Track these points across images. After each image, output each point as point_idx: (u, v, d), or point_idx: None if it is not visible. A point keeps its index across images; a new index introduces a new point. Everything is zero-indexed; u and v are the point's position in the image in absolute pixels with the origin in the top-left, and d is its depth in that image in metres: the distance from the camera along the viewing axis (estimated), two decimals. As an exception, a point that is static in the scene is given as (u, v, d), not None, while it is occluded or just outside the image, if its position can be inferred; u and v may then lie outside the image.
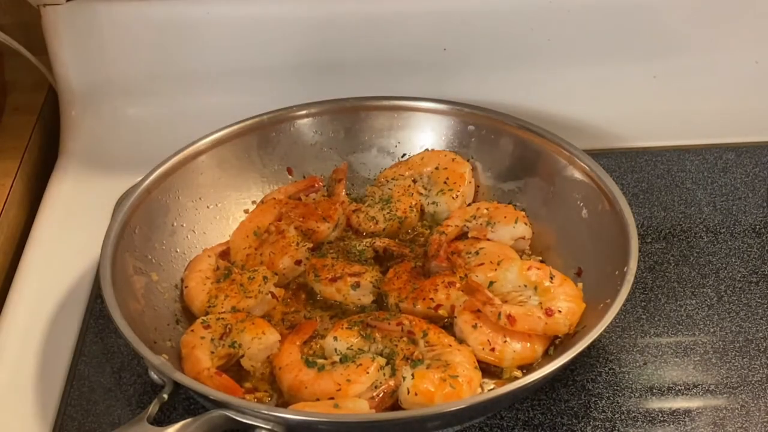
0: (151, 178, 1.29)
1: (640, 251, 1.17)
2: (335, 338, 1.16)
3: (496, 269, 1.22)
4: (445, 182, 1.36)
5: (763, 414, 1.13)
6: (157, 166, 1.30)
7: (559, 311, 1.16)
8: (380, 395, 1.11)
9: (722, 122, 1.54)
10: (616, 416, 1.13)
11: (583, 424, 1.12)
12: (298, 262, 1.28)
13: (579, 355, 1.08)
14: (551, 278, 1.19)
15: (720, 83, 1.56)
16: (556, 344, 1.17)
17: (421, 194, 1.37)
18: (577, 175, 1.30)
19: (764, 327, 1.22)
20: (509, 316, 1.15)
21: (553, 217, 1.32)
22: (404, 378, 1.11)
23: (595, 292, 1.19)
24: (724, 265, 1.31)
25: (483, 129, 1.39)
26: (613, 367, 1.18)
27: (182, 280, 1.27)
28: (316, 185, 1.39)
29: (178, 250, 1.30)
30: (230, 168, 1.36)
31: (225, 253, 1.31)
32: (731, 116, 1.54)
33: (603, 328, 1.09)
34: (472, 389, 1.11)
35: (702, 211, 1.39)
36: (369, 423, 1.07)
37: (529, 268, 1.20)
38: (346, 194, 1.39)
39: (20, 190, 1.44)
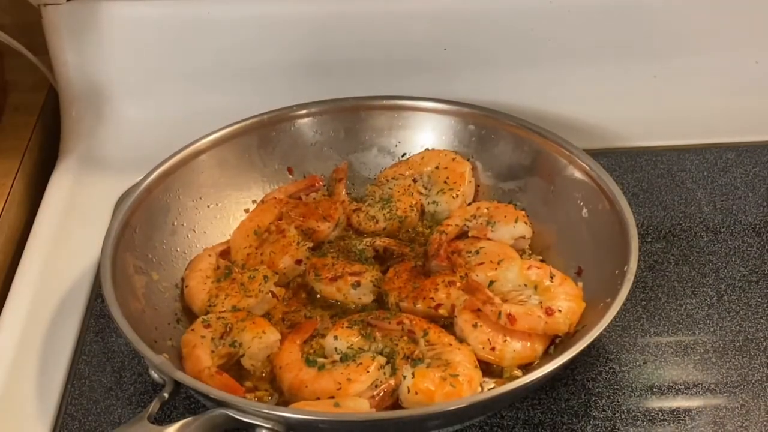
0: (152, 177, 1.29)
1: (640, 250, 1.17)
2: (335, 337, 1.16)
3: (496, 268, 1.22)
4: (445, 182, 1.36)
5: (763, 413, 1.13)
6: (158, 165, 1.31)
7: (559, 310, 1.16)
8: (380, 394, 1.11)
9: (722, 122, 1.54)
10: (616, 415, 1.13)
11: (583, 423, 1.12)
12: (298, 262, 1.28)
13: (579, 354, 1.08)
14: (551, 277, 1.19)
15: (720, 83, 1.57)
16: (556, 343, 1.18)
17: (421, 194, 1.37)
18: (578, 174, 1.30)
19: (764, 326, 1.23)
20: (509, 316, 1.15)
21: (553, 216, 1.32)
22: (404, 377, 1.11)
23: (595, 291, 1.19)
24: (724, 265, 1.31)
25: (483, 128, 1.39)
26: (613, 366, 1.18)
27: (183, 280, 1.27)
28: (317, 185, 1.39)
29: (179, 249, 1.30)
30: (230, 167, 1.37)
31: (225, 253, 1.31)
32: (731, 116, 1.54)
33: (603, 328, 1.09)
34: (473, 388, 1.11)
35: (702, 210, 1.39)
36: (369, 422, 1.07)
37: (529, 268, 1.20)
38: (347, 194, 1.39)
39: (20, 189, 1.44)
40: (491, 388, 1.14)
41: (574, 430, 1.12)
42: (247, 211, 1.37)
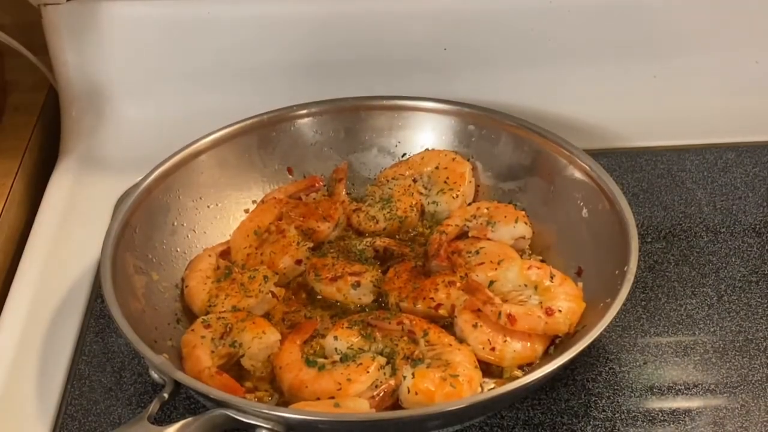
0: (152, 177, 1.29)
1: (640, 251, 1.17)
2: (336, 337, 1.16)
3: (496, 269, 1.22)
4: (445, 182, 1.36)
5: (763, 413, 1.13)
6: (158, 165, 1.31)
7: (560, 311, 1.16)
8: (381, 394, 1.11)
9: (722, 122, 1.54)
10: (616, 416, 1.13)
11: (583, 423, 1.12)
12: (298, 262, 1.28)
13: (579, 354, 1.08)
14: (551, 278, 1.19)
15: (720, 83, 1.57)
16: (556, 344, 1.18)
17: (421, 194, 1.37)
18: (578, 174, 1.30)
19: (764, 326, 1.23)
20: (509, 316, 1.15)
21: (553, 216, 1.32)
22: (404, 377, 1.11)
23: (595, 291, 1.19)
24: (724, 265, 1.31)
25: (483, 129, 1.39)
26: (614, 366, 1.18)
27: (183, 280, 1.27)
28: (317, 185, 1.39)
29: (179, 249, 1.30)
30: (230, 167, 1.37)
31: (225, 253, 1.31)
32: (731, 116, 1.54)
33: (603, 328, 1.09)
34: (473, 388, 1.11)
35: (702, 210, 1.39)
36: (369, 422, 1.07)
37: (529, 268, 1.20)
38: (347, 194, 1.39)
39: (20, 189, 1.44)
40: (491, 389, 1.14)
41: (574, 431, 1.12)
42: (247, 211, 1.37)
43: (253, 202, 1.38)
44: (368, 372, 1.12)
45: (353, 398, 1.10)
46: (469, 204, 1.36)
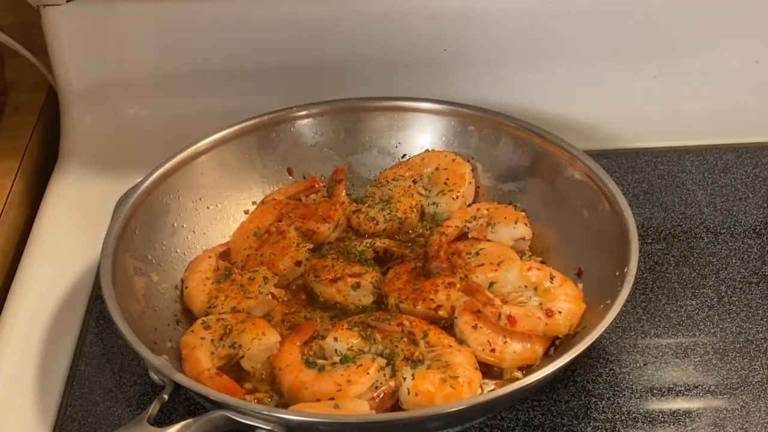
0: (152, 178, 1.29)
1: (640, 252, 1.17)
2: (335, 339, 1.16)
3: (496, 270, 1.22)
4: (445, 183, 1.36)
5: (764, 415, 1.13)
6: (158, 166, 1.31)
7: (560, 312, 1.16)
8: (380, 396, 1.11)
9: (722, 122, 1.54)
10: (617, 417, 1.13)
11: (583, 424, 1.12)
12: (298, 263, 1.28)
13: (579, 355, 1.08)
14: (551, 279, 1.19)
15: (720, 83, 1.56)
16: (556, 345, 1.18)
17: (421, 195, 1.37)
18: (578, 175, 1.30)
19: (765, 328, 1.23)
20: (509, 317, 1.15)
21: (553, 217, 1.32)
22: (404, 378, 1.11)
23: (595, 292, 1.19)
24: (724, 266, 1.31)
25: (483, 129, 1.39)
26: (614, 367, 1.18)
27: (182, 281, 1.27)
28: (317, 186, 1.39)
29: (179, 250, 1.30)
30: (230, 168, 1.36)
31: (225, 254, 1.31)
32: (731, 116, 1.54)
33: (603, 329, 1.09)
34: (473, 390, 1.11)
35: (702, 211, 1.39)
36: (369, 423, 1.07)
37: (529, 269, 1.20)
38: (347, 195, 1.39)
39: (20, 190, 1.44)
40: (491, 390, 1.14)
41: (574, 432, 1.12)
42: (246, 212, 1.37)
43: (253, 203, 1.38)
44: (368, 373, 1.12)
45: (353, 399, 1.10)
46: (469, 205, 1.36)
